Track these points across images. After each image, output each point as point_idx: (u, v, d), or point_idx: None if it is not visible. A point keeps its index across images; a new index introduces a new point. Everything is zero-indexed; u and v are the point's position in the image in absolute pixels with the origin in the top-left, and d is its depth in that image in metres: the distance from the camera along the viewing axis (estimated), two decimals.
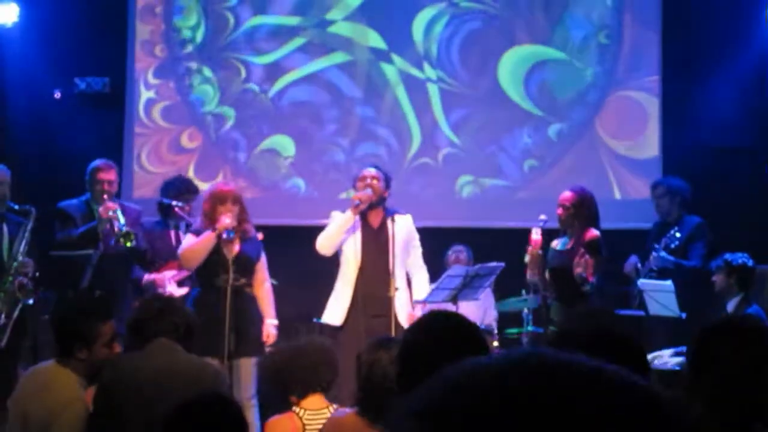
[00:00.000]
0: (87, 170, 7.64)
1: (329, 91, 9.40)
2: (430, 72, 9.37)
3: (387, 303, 6.92)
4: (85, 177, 7.63)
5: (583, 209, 7.09)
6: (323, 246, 7.01)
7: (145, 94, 9.47)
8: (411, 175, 9.31)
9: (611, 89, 9.30)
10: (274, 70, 9.44)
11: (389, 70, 9.38)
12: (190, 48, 9.52)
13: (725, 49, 9.06)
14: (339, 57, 9.42)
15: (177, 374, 4.35)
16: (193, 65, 9.51)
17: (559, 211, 7.12)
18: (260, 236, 6.92)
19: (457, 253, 8.57)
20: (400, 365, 2.94)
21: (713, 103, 9.05)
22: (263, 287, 6.84)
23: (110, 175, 7.60)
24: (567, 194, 7.17)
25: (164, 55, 9.53)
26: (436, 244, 8.18)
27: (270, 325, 6.77)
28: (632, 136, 9.24)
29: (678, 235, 7.84)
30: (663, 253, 7.78)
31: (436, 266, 7.69)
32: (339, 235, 6.98)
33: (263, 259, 6.89)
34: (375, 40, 9.41)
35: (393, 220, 7.06)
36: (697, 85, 9.12)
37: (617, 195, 9.21)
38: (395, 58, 9.38)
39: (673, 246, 7.79)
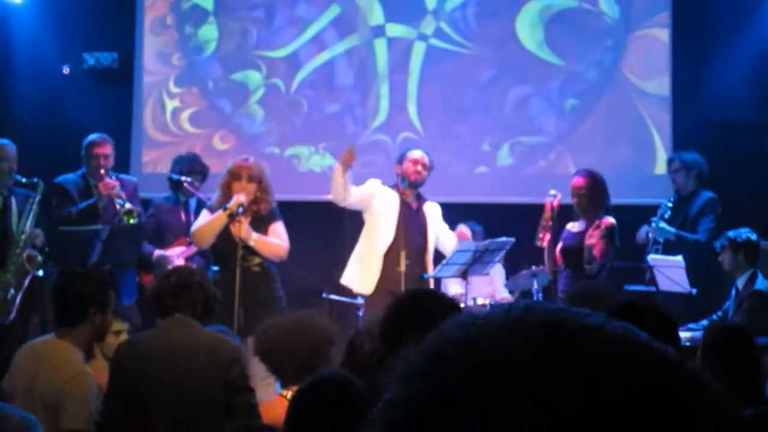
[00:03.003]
0: (82, 145, 7.62)
1: (332, 78, 9.41)
2: (450, 40, 9.31)
3: (424, 282, 7.18)
4: (81, 152, 7.61)
5: (597, 191, 7.13)
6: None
7: (170, 104, 9.42)
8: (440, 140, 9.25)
9: (631, 30, 9.22)
10: (293, 62, 9.40)
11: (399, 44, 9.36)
12: (207, 52, 9.48)
13: (735, 24, 8.99)
14: (349, 42, 9.38)
15: (192, 350, 4.31)
16: (214, 68, 9.46)
17: (575, 200, 7.16)
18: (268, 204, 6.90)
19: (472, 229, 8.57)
20: (382, 342, 2.92)
21: (722, 80, 8.99)
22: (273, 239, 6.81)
23: (106, 150, 7.58)
24: (579, 181, 7.22)
25: (182, 63, 9.49)
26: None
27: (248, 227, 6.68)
28: (658, 75, 9.18)
29: (670, 204, 7.87)
30: (662, 224, 7.77)
31: None
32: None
33: (273, 227, 6.82)
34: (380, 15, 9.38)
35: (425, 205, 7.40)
36: (706, 60, 9.06)
37: (658, 143, 9.12)
38: (407, 30, 9.34)
39: (666, 216, 7.79)
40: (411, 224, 7.25)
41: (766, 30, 8.95)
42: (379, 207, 7.19)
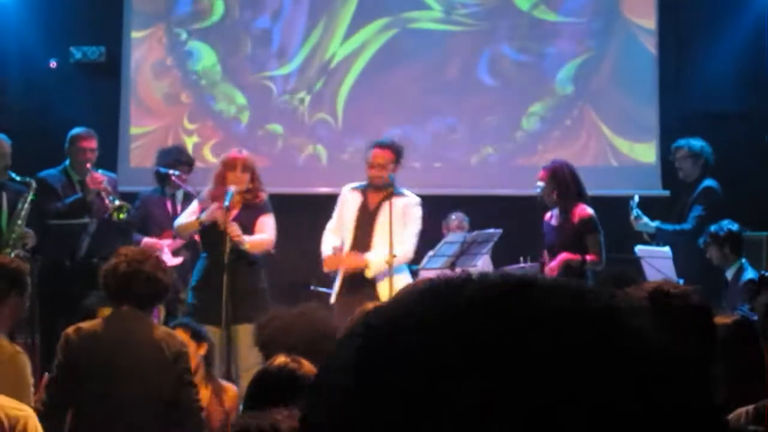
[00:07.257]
0: (67, 138, 7.62)
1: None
2: (456, 21, 9.36)
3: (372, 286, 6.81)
4: (65, 145, 7.61)
5: (556, 180, 6.94)
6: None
7: (190, 141, 9.36)
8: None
9: None
10: (301, 76, 9.43)
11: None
12: (214, 84, 9.47)
13: (723, 17, 9.02)
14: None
15: (137, 344, 4.37)
16: (225, 97, 9.45)
17: (538, 191, 7.06)
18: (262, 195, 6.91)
19: (460, 220, 8.58)
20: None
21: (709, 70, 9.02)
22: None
23: (92, 144, 7.59)
24: (540, 173, 7.07)
25: (191, 100, 9.48)
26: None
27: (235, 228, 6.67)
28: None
29: (637, 198, 7.83)
30: (642, 221, 7.77)
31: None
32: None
33: (262, 219, 6.85)
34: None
35: (391, 202, 6.77)
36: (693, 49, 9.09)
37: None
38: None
39: (634, 214, 7.76)
40: (364, 227, 6.99)
41: (752, 20, 8.95)
42: (346, 218, 7.05)
